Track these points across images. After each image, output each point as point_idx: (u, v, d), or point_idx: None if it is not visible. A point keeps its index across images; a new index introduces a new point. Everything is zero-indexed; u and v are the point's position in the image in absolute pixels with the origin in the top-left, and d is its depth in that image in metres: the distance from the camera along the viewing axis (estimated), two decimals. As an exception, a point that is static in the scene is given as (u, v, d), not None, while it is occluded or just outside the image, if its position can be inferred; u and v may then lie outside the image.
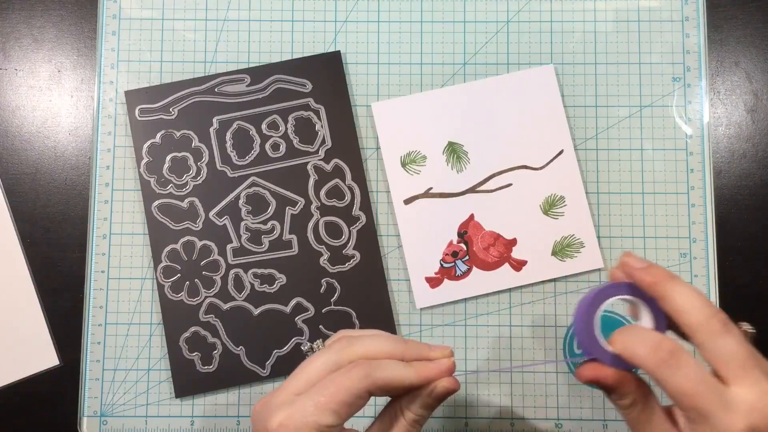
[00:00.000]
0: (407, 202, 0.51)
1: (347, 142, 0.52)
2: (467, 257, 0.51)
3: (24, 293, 0.51)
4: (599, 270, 0.51)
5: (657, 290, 0.35)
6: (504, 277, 0.51)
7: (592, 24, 0.53)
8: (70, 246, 0.52)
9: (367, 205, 0.51)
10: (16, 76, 0.53)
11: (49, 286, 0.51)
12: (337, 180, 0.51)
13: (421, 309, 0.51)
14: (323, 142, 0.52)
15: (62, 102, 0.53)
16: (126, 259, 0.51)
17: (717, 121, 0.53)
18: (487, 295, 0.51)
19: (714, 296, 0.51)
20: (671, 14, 0.53)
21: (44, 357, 0.50)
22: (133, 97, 0.52)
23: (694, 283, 0.51)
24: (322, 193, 0.51)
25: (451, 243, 0.51)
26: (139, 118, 0.51)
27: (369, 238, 0.51)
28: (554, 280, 0.51)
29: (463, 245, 0.51)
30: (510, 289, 0.51)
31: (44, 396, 0.50)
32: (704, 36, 0.53)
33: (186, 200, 0.51)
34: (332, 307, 0.50)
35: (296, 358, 0.50)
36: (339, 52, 0.52)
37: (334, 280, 0.51)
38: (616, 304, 0.51)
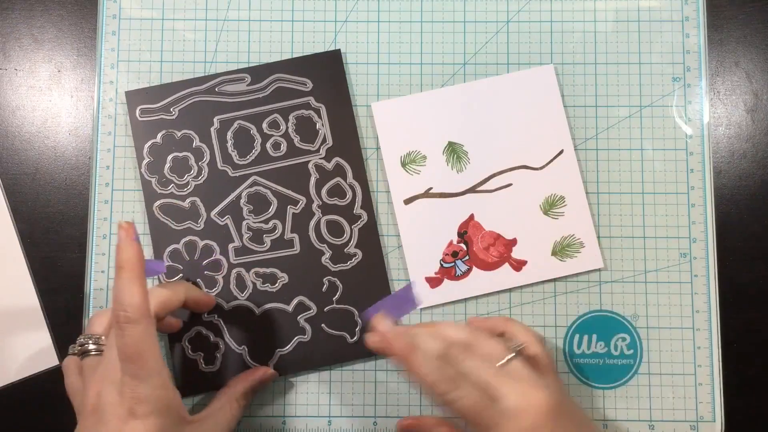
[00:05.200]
0: (407, 202, 0.51)
1: (348, 141, 0.52)
2: (467, 257, 0.51)
3: (24, 293, 0.51)
4: (599, 270, 0.51)
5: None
6: (504, 277, 0.51)
7: (592, 24, 0.53)
8: (70, 246, 0.52)
9: (368, 204, 0.51)
10: (16, 76, 0.53)
11: (49, 286, 0.51)
12: (338, 178, 0.51)
13: (421, 309, 0.51)
14: (324, 140, 0.52)
15: (62, 102, 0.53)
16: (126, 259, 0.51)
17: (717, 121, 0.53)
18: (487, 295, 0.51)
19: (714, 296, 0.51)
20: (671, 14, 0.53)
21: (44, 357, 0.50)
22: (134, 98, 0.52)
23: (694, 283, 0.51)
24: (324, 191, 0.51)
25: (451, 243, 0.51)
26: (140, 119, 0.51)
27: (370, 237, 0.51)
28: (554, 280, 0.51)
29: (463, 245, 0.51)
30: (510, 289, 0.51)
31: (44, 396, 0.50)
32: (704, 36, 0.53)
33: (187, 200, 0.51)
34: (334, 305, 0.50)
35: (299, 356, 0.50)
36: (339, 50, 0.52)
37: (336, 279, 0.51)
38: (616, 304, 0.51)
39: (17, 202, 0.52)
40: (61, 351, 0.51)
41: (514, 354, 0.42)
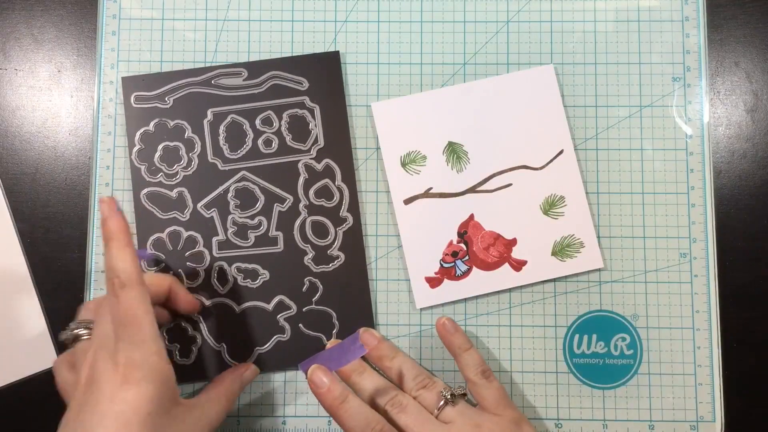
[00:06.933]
0: (407, 202, 0.51)
1: (340, 143, 0.52)
2: (467, 257, 0.51)
3: (24, 293, 0.51)
4: (599, 270, 0.51)
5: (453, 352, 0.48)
6: (504, 277, 0.51)
7: (592, 24, 0.53)
8: (70, 246, 0.52)
9: (355, 207, 0.51)
10: (16, 76, 0.53)
11: (49, 286, 0.51)
12: (327, 180, 0.51)
13: (421, 309, 0.51)
14: (316, 141, 0.52)
15: (62, 102, 0.53)
16: (126, 259, 0.51)
17: (717, 121, 0.53)
18: (487, 295, 0.51)
19: (714, 296, 0.51)
20: (671, 14, 0.53)
21: (44, 357, 0.50)
22: (130, 83, 0.52)
23: (694, 283, 0.51)
24: (311, 192, 0.51)
25: (451, 243, 0.51)
26: (134, 105, 0.51)
27: (355, 240, 0.51)
28: (554, 280, 0.51)
29: (463, 245, 0.51)
30: (510, 289, 0.51)
31: (44, 396, 0.50)
32: (704, 36, 0.53)
33: (175, 190, 0.51)
34: (313, 306, 0.50)
35: (278, 355, 0.50)
36: (338, 52, 0.52)
37: (317, 280, 0.50)
38: (616, 304, 0.51)
39: (17, 202, 0.52)
40: (62, 351, 0.51)
41: (443, 402, 0.45)
